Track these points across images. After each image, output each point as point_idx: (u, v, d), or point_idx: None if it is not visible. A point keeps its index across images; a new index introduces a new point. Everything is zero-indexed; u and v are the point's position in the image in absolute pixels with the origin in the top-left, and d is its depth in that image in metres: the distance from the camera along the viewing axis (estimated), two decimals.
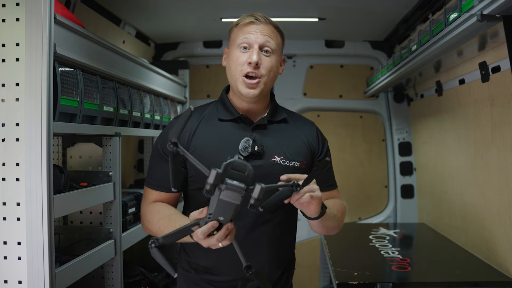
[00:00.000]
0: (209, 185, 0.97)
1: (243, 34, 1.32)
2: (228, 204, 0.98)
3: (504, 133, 1.88)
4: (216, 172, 0.96)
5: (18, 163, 1.34)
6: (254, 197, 0.98)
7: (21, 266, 1.33)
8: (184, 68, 3.20)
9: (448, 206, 2.58)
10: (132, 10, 2.57)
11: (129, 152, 3.13)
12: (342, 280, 1.83)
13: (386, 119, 3.38)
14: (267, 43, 1.31)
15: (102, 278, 1.89)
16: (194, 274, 1.38)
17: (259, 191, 0.98)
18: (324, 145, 1.45)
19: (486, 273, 1.92)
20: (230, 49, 1.36)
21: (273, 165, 1.32)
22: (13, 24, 1.34)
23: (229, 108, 1.38)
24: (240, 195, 0.97)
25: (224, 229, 1.02)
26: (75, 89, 1.58)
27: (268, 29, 1.33)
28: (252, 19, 1.33)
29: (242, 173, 0.98)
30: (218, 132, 1.35)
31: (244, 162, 0.99)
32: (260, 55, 1.30)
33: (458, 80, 2.29)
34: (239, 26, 1.35)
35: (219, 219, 1.01)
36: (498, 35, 1.65)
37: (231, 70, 1.33)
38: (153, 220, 1.30)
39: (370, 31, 3.11)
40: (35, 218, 1.32)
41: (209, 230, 1.02)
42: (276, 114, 1.42)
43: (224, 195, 0.97)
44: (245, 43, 1.31)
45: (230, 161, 0.98)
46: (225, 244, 1.05)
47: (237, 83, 1.32)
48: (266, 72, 1.31)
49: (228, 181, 0.97)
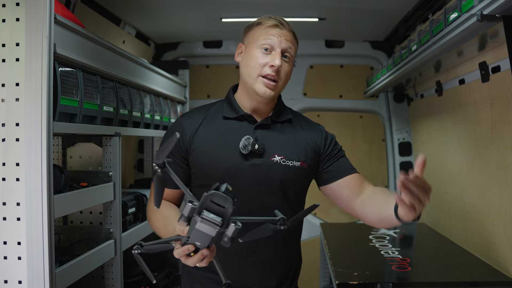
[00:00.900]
0: (183, 217, 0.98)
1: (267, 35, 1.32)
2: (203, 234, 0.99)
3: (504, 133, 1.88)
4: (191, 207, 0.97)
5: (18, 163, 1.34)
6: (228, 235, 0.98)
7: (21, 266, 1.33)
8: (184, 68, 3.20)
9: (448, 206, 2.57)
10: (132, 10, 2.57)
11: (129, 152, 3.13)
12: (342, 280, 1.83)
13: (386, 119, 3.37)
14: (289, 49, 1.32)
15: (102, 278, 1.89)
16: (197, 272, 1.38)
17: (233, 231, 0.98)
18: (331, 140, 1.43)
19: (486, 273, 1.92)
20: (250, 48, 1.35)
21: (273, 164, 1.32)
22: (13, 24, 1.34)
23: (235, 107, 1.38)
24: (215, 230, 0.97)
25: (199, 254, 1.02)
26: (75, 89, 1.58)
27: (290, 35, 1.34)
28: (277, 23, 1.33)
29: (221, 207, 0.97)
30: (220, 130, 1.35)
31: (225, 196, 0.97)
32: (281, 60, 1.31)
33: (458, 80, 2.29)
34: (262, 27, 1.34)
35: (196, 244, 1.02)
36: (498, 35, 1.64)
37: (249, 68, 1.33)
38: (153, 218, 1.34)
39: (370, 31, 3.11)
40: (35, 218, 1.32)
41: (184, 252, 1.03)
42: (281, 114, 1.42)
43: (199, 225, 0.98)
44: (268, 44, 1.31)
45: (211, 193, 0.96)
46: (201, 265, 1.06)
47: (254, 81, 1.31)
48: (283, 77, 1.33)
49: (205, 214, 0.96)
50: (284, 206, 1.30)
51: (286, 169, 1.32)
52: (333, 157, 1.41)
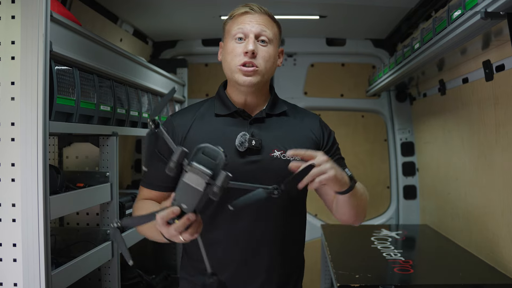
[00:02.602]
0: (172, 163, 0.92)
1: (238, 24, 1.28)
2: (191, 189, 0.92)
3: (508, 133, 1.85)
4: (182, 149, 0.92)
5: (13, 163, 1.32)
6: (217, 185, 0.91)
7: (17, 268, 1.32)
8: (183, 66, 3.18)
9: (451, 207, 2.55)
10: (130, 8, 2.55)
11: (126, 152, 3.11)
12: (343, 283, 1.81)
13: (388, 119, 3.34)
14: (263, 33, 1.27)
15: (99, 280, 1.87)
16: (198, 277, 1.33)
17: (223, 179, 0.91)
18: (329, 136, 1.38)
19: (490, 276, 1.89)
20: (225, 42, 1.32)
21: (273, 160, 1.27)
22: (8, 21, 1.32)
23: (226, 103, 1.33)
24: (204, 181, 0.91)
25: (185, 218, 0.94)
26: (72, 88, 1.56)
27: (263, 18, 1.30)
28: (247, 9, 1.29)
29: (212, 160, 0.93)
30: (213, 128, 1.30)
31: (217, 149, 0.93)
32: (257, 44, 1.26)
33: (462, 79, 2.27)
34: (233, 18, 1.32)
35: (182, 206, 0.94)
36: (502, 33, 1.62)
37: (227, 62, 1.29)
38: (136, 212, 1.29)
39: (372, 29, 3.08)
40: (30, 219, 1.31)
41: (169, 215, 0.95)
42: (276, 106, 1.36)
43: (187, 178, 0.92)
44: (240, 33, 1.27)
45: (202, 146, 0.93)
46: (186, 238, 0.98)
47: (233, 73, 1.27)
48: (263, 62, 1.27)
49: (194, 163, 0.92)
50: (285, 203, 1.26)
51: (287, 164, 1.22)
52: (332, 155, 1.34)
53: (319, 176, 1.06)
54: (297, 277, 1.39)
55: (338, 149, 1.40)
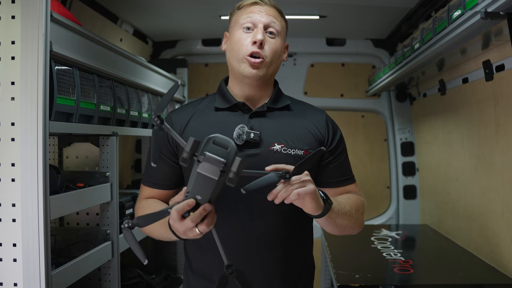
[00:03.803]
0: (186, 153, 0.93)
1: (247, 14, 1.27)
2: (205, 179, 0.93)
3: (508, 133, 1.85)
4: (194, 140, 0.93)
5: (13, 163, 1.32)
6: (233, 171, 0.93)
7: (17, 268, 1.32)
8: (183, 66, 3.18)
9: (451, 207, 2.55)
10: (130, 8, 2.55)
11: (126, 152, 3.11)
12: (343, 283, 1.81)
13: (388, 119, 3.34)
14: (272, 24, 1.26)
15: (99, 280, 1.86)
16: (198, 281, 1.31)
17: (238, 164, 0.92)
18: (335, 133, 1.34)
19: (490, 276, 1.89)
20: (232, 31, 1.30)
21: (273, 154, 1.23)
22: (8, 21, 1.32)
23: (227, 96, 1.31)
24: (219, 169, 0.92)
25: (201, 209, 0.94)
26: (72, 88, 1.56)
27: (272, 11, 1.29)
28: (257, 0, 1.29)
29: (224, 149, 0.94)
30: (212, 122, 1.28)
31: (227, 138, 0.95)
32: (265, 35, 1.25)
33: (462, 79, 2.27)
34: (242, 8, 1.30)
35: (197, 197, 0.94)
36: (502, 33, 1.62)
37: (233, 51, 1.27)
38: (140, 211, 1.28)
39: (372, 29, 3.08)
40: (30, 219, 1.31)
41: (184, 208, 0.94)
42: (278, 100, 1.34)
43: (201, 167, 0.93)
44: (249, 22, 1.26)
45: (212, 136, 0.95)
46: (202, 230, 0.96)
47: (239, 64, 1.25)
48: (270, 54, 1.25)
49: (207, 153, 0.93)
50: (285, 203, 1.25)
51: (287, 157, 1.23)
52: (336, 157, 1.33)
53: (297, 189, 1.04)
54: (307, 278, 1.36)
55: (344, 150, 1.36)
